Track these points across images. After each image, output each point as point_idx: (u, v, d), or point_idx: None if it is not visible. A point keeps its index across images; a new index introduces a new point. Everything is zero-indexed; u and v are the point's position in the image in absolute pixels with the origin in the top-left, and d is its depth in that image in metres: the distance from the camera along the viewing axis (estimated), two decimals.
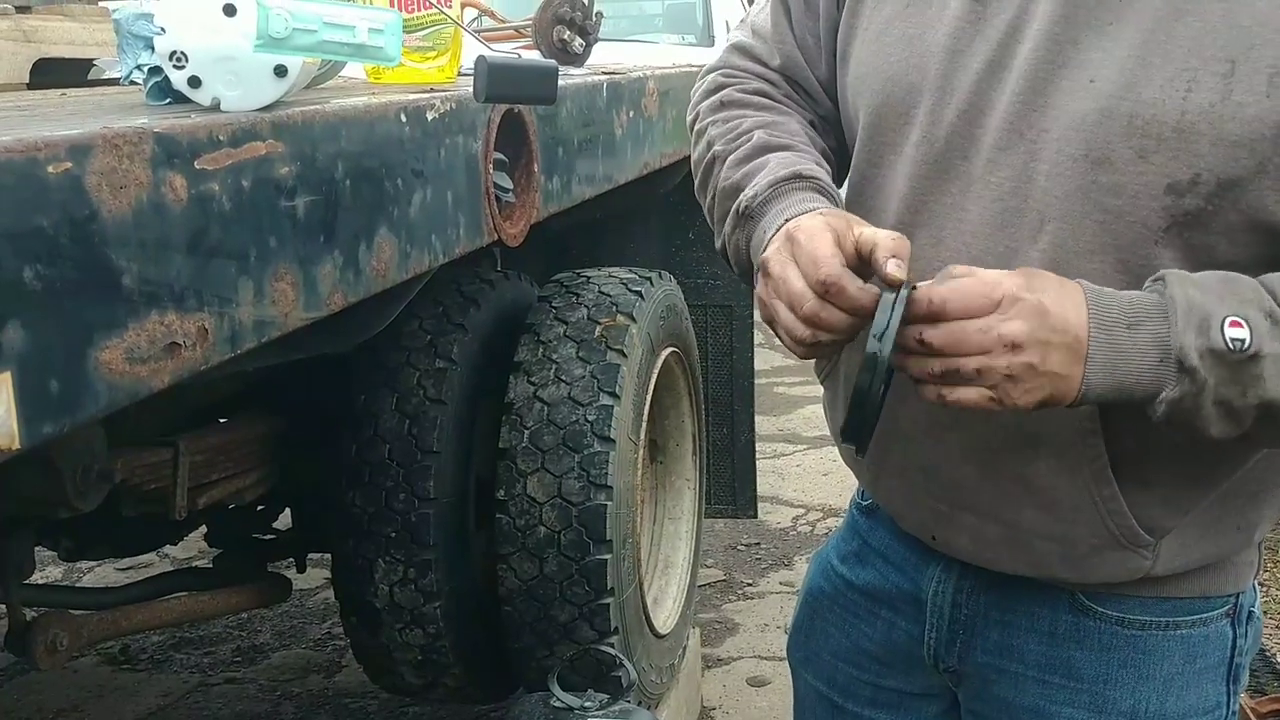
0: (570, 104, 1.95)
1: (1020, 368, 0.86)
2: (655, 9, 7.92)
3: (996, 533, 1.06)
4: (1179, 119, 0.89)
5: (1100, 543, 1.02)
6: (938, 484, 1.07)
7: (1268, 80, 0.87)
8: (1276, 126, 0.88)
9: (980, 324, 0.86)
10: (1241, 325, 0.85)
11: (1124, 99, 0.91)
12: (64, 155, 0.83)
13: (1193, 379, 0.86)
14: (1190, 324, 0.85)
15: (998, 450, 1.02)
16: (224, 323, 1.01)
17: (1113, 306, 0.87)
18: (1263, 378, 0.85)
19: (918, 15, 1.03)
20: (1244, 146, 0.88)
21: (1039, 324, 0.85)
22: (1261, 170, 0.89)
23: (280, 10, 1.08)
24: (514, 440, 2.04)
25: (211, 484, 1.91)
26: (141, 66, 1.23)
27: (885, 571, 1.20)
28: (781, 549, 3.76)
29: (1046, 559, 1.05)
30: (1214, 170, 0.89)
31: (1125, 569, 1.04)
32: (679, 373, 2.65)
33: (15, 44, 2.02)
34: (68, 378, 0.82)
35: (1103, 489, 1.00)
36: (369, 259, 1.27)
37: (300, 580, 2.95)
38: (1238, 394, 0.86)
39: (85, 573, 3.56)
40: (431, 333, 2.08)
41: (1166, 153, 0.90)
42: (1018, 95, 0.95)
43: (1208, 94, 0.89)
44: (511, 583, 2.05)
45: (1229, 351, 0.84)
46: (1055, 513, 1.02)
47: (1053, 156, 0.94)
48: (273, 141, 1.09)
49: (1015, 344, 0.85)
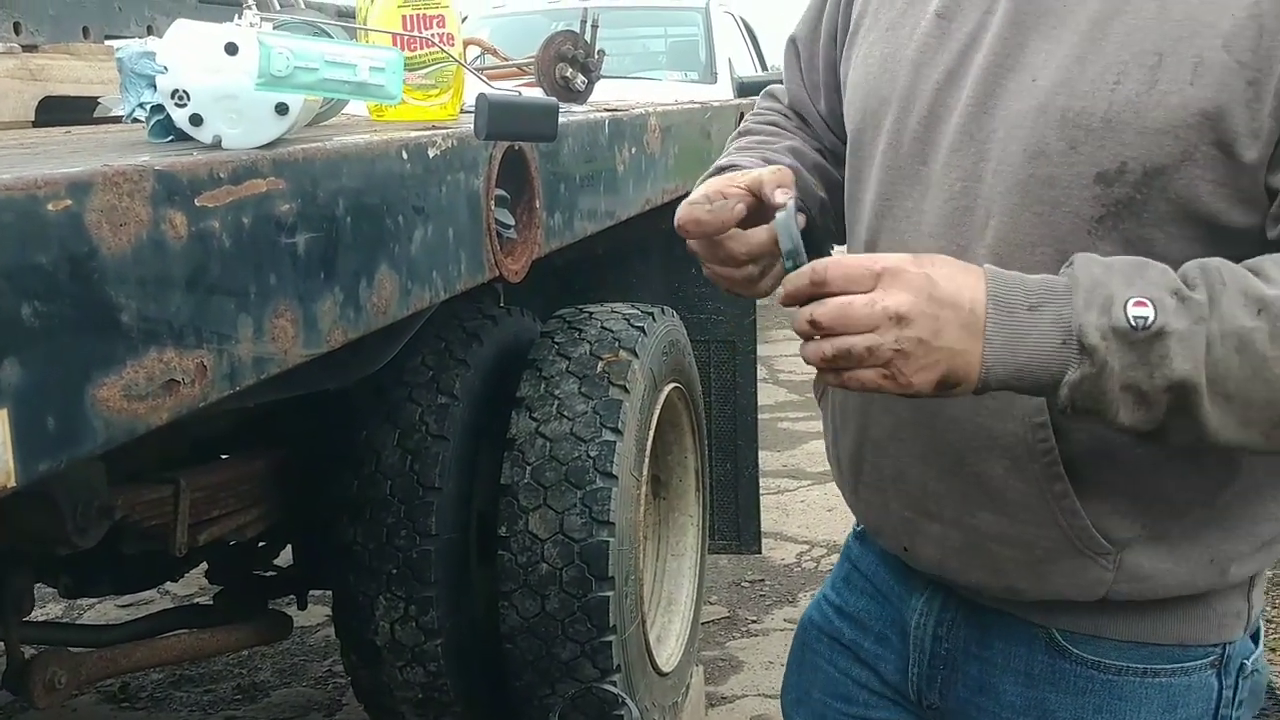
0: (572, 141, 1.96)
1: (909, 342, 0.84)
2: (658, 46, 8.00)
3: (958, 539, 1.06)
4: (1106, 110, 0.91)
5: (1054, 546, 1.01)
6: (905, 491, 1.08)
7: (1192, 69, 0.88)
8: (1199, 114, 0.88)
9: (865, 299, 0.85)
10: (1146, 304, 0.83)
11: (1059, 94, 0.93)
12: (64, 193, 0.83)
13: (1093, 359, 0.83)
14: (1093, 303, 0.84)
15: (956, 451, 1.02)
16: (223, 360, 1.01)
17: (1015, 287, 0.86)
18: (1169, 357, 0.82)
19: (894, 36, 1.08)
20: (1168, 134, 0.89)
21: (925, 296, 0.85)
22: (1188, 158, 0.89)
23: (282, 49, 1.09)
24: (516, 476, 2.04)
25: (212, 520, 1.91)
26: (144, 104, 1.24)
27: (873, 599, 1.22)
28: (786, 585, 3.73)
29: (1005, 566, 1.04)
30: (1139, 159, 0.90)
31: (1085, 579, 1.01)
32: (682, 408, 2.64)
33: (21, 82, 2.03)
34: (65, 415, 0.82)
35: (1054, 485, 0.99)
36: (370, 295, 1.27)
37: (301, 617, 2.93)
38: (1144, 376, 0.83)
39: (85, 609, 3.54)
40: (433, 368, 2.07)
41: (1094, 143, 0.92)
42: (970, 99, 0.99)
43: (1134, 85, 0.90)
44: (513, 620, 2.03)
45: (1131, 329, 0.82)
46: (1011, 514, 1.01)
47: (998, 154, 0.97)
48: (273, 179, 1.10)
49: (901, 316, 0.84)
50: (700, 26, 7.37)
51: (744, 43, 7.99)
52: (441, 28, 1.74)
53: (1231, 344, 0.82)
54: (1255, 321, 0.82)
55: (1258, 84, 0.87)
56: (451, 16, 1.75)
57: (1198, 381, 0.82)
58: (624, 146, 2.22)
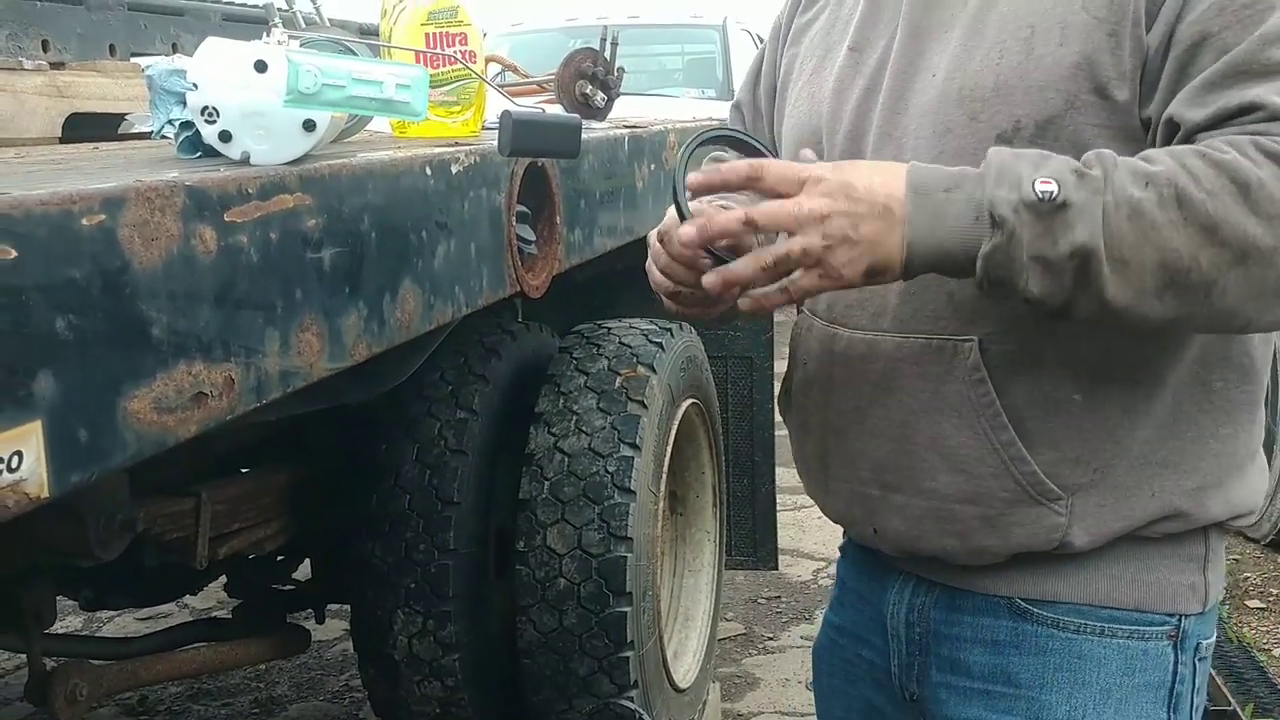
0: (592, 157, 1.97)
1: (834, 238, 0.95)
2: (675, 64, 8.03)
3: (921, 507, 1.11)
4: (995, 80, 1.04)
5: (1010, 496, 1.07)
6: (867, 469, 1.15)
7: (1060, 33, 1.02)
8: (1072, 67, 1.01)
9: (792, 202, 0.95)
10: (1050, 182, 0.91)
11: (954, 79, 1.07)
12: (98, 208, 0.85)
13: (1003, 229, 0.92)
14: (1003, 181, 0.93)
15: (910, 418, 1.10)
16: (250, 373, 1.02)
17: (933, 175, 0.96)
18: (1071, 225, 0.91)
19: (816, 79, 1.22)
20: (1049, 89, 1.02)
21: (842, 196, 0.95)
22: (1071, 105, 1.01)
23: (310, 67, 1.10)
24: (534, 491, 2.04)
25: (233, 534, 1.92)
26: (173, 121, 1.25)
27: (859, 607, 1.26)
28: (802, 602, 3.72)
29: (969, 526, 1.10)
30: (1030, 115, 1.02)
31: (1043, 528, 1.07)
32: (699, 424, 2.64)
33: (49, 99, 2.06)
34: (96, 427, 0.83)
35: (1000, 435, 1.07)
36: (393, 310, 1.28)
37: (319, 631, 2.94)
38: (1049, 245, 0.91)
39: (105, 622, 3.56)
40: (453, 383, 2.08)
41: (990, 109, 1.04)
42: (885, 106, 1.12)
43: (1015, 56, 1.04)
44: (531, 635, 2.03)
45: (1039, 201, 0.91)
46: (966, 470, 1.08)
47: (912, 142, 1.08)
48: (300, 194, 1.11)
49: (821, 215, 0.94)
50: (717, 44, 7.40)
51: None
52: (464, 45, 1.76)
53: (1124, 212, 0.91)
54: (1143, 192, 0.91)
55: (1117, 34, 1.00)
56: (474, 34, 1.77)
57: (1096, 246, 0.91)
58: (643, 163, 2.23)
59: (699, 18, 7.73)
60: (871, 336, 1.12)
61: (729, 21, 7.53)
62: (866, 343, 1.13)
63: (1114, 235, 0.91)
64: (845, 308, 1.14)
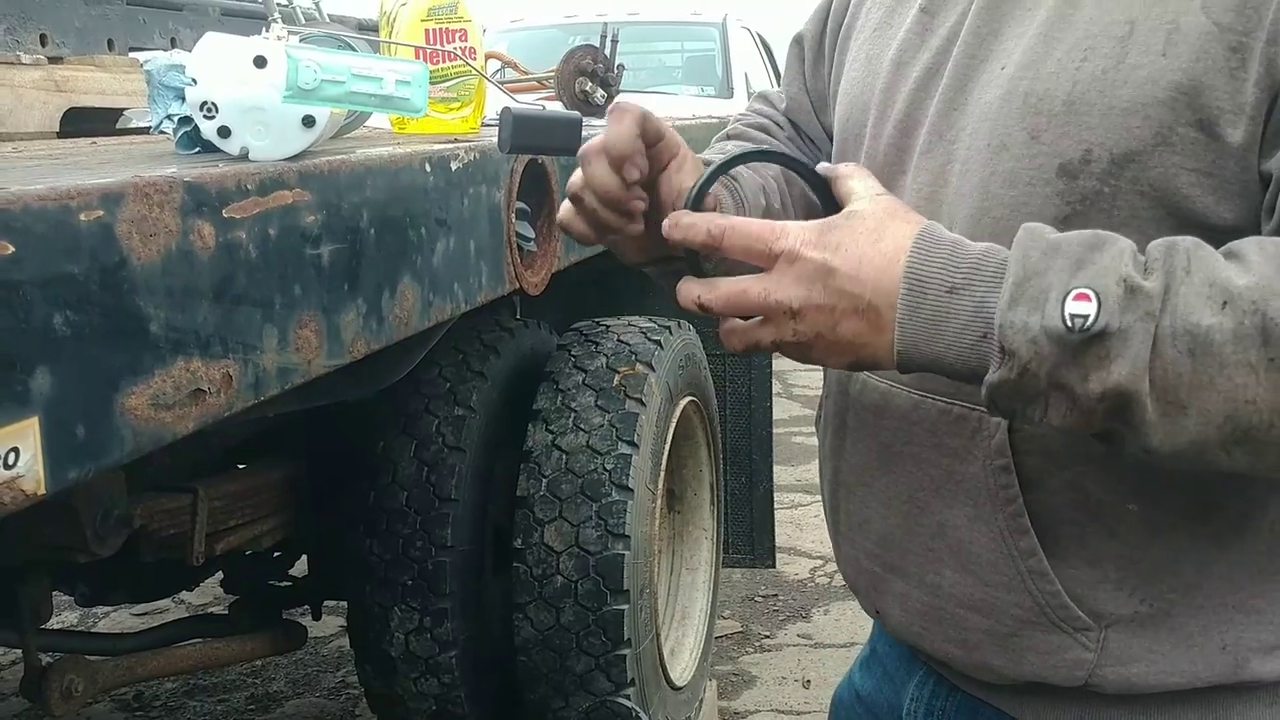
0: None
1: (807, 336, 0.77)
2: (675, 61, 8.02)
3: (922, 601, 0.93)
4: (1070, 90, 0.80)
5: (1026, 615, 0.87)
6: (871, 541, 0.97)
7: (1165, 37, 0.76)
8: (1172, 88, 0.76)
9: (759, 289, 0.77)
10: (1088, 298, 0.68)
11: (1022, 79, 0.83)
12: (96, 203, 0.84)
13: (1014, 361, 0.71)
14: (1023, 296, 0.70)
15: (918, 496, 0.91)
16: (248, 369, 1.02)
17: (939, 263, 0.74)
18: (1107, 359, 0.68)
19: (879, 37, 0.99)
20: (1136, 113, 0.77)
21: (820, 288, 0.75)
22: (1162, 141, 0.76)
23: (309, 62, 1.10)
24: (532, 488, 2.04)
25: (229, 530, 1.91)
26: (172, 116, 1.25)
27: (880, 683, 1.10)
28: (800, 600, 3.72)
29: (974, 638, 0.90)
30: (1105, 144, 0.78)
31: (1063, 662, 0.86)
32: (697, 422, 2.64)
33: (47, 93, 2.05)
34: (94, 424, 0.83)
35: (1019, 540, 0.85)
36: (392, 307, 1.27)
37: (315, 628, 2.94)
38: (1077, 378, 0.69)
39: (101, 618, 3.56)
40: (451, 380, 2.08)
41: (1056, 129, 0.80)
42: (943, 98, 0.89)
43: (1101, 61, 0.79)
44: (527, 632, 2.03)
45: (1067, 331, 0.69)
46: (975, 573, 0.88)
47: (964, 154, 0.86)
48: (299, 190, 1.10)
49: (792, 310, 0.76)
50: (717, 42, 7.39)
51: (760, 58, 8.01)
52: (464, 41, 1.75)
53: (1184, 345, 0.68)
54: (1216, 318, 0.67)
55: (1243, 50, 0.74)
56: (473, 31, 1.77)
57: (1138, 389, 0.68)
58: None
59: (699, 15, 7.72)
60: (886, 386, 0.92)
61: (729, 19, 7.53)
62: (881, 393, 0.93)
63: (1166, 374, 0.68)
64: None
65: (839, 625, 3.50)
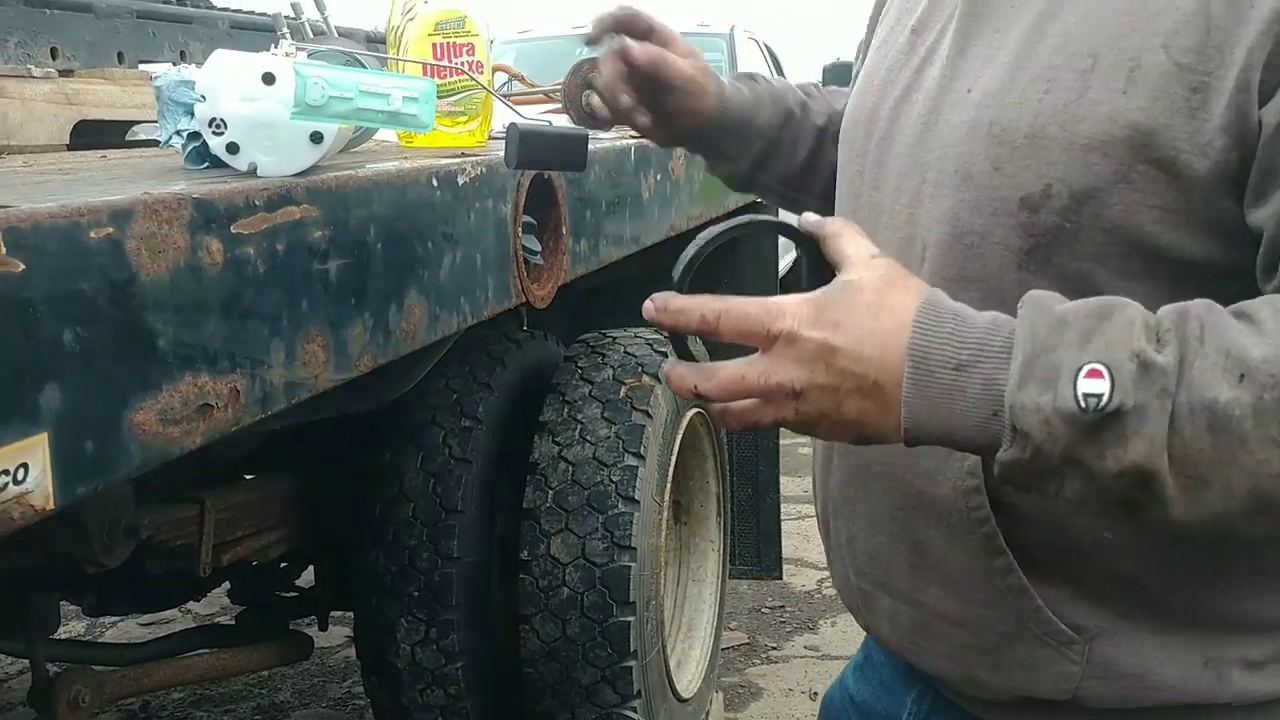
0: (599, 167, 1.97)
1: (811, 416, 0.74)
2: None
3: (910, 617, 0.93)
4: (1031, 123, 0.79)
5: (1009, 630, 0.86)
6: (860, 558, 0.96)
7: (1127, 74, 0.75)
8: (1131, 126, 0.75)
9: (757, 371, 0.74)
10: (1101, 375, 0.67)
11: (989, 106, 0.82)
12: (105, 220, 0.85)
13: (1028, 443, 0.69)
14: (1033, 375, 0.68)
15: (897, 515, 0.90)
16: (255, 384, 1.03)
17: (943, 339, 0.71)
18: (1124, 438, 0.67)
19: (877, 55, 1.00)
20: (1095, 151, 0.76)
21: (822, 368, 0.72)
22: (1123, 179, 0.76)
23: (318, 79, 1.11)
24: (538, 500, 2.04)
25: (236, 541, 1.92)
26: (181, 131, 1.26)
27: (878, 691, 1.09)
28: (806, 612, 3.72)
29: (963, 653, 0.90)
30: (1065, 180, 0.77)
31: (1050, 675, 0.86)
32: (704, 433, 2.64)
33: (57, 106, 2.06)
34: (103, 439, 0.83)
35: (995, 559, 0.85)
36: (399, 321, 1.28)
37: (322, 638, 2.94)
38: (1094, 456, 0.68)
39: (108, 628, 3.56)
40: (458, 392, 2.09)
41: (1019, 162, 0.79)
42: (919, 117, 0.89)
43: (1064, 94, 0.78)
44: (534, 644, 2.03)
45: (1081, 411, 0.67)
46: (957, 591, 0.88)
47: (935, 177, 0.86)
48: (307, 205, 1.11)
49: (793, 390, 0.73)
50: (724, 52, 7.41)
51: (767, 68, 8.03)
52: (471, 55, 1.76)
53: (1203, 420, 0.66)
54: (1234, 392, 0.66)
55: (1204, 89, 0.73)
56: (480, 45, 1.77)
57: (1157, 467, 0.67)
58: (650, 173, 2.23)
59: (706, 26, 7.74)
60: None
61: (736, 30, 7.55)
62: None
63: (1186, 449, 0.66)
64: None
65: (846, 637, 3.49)
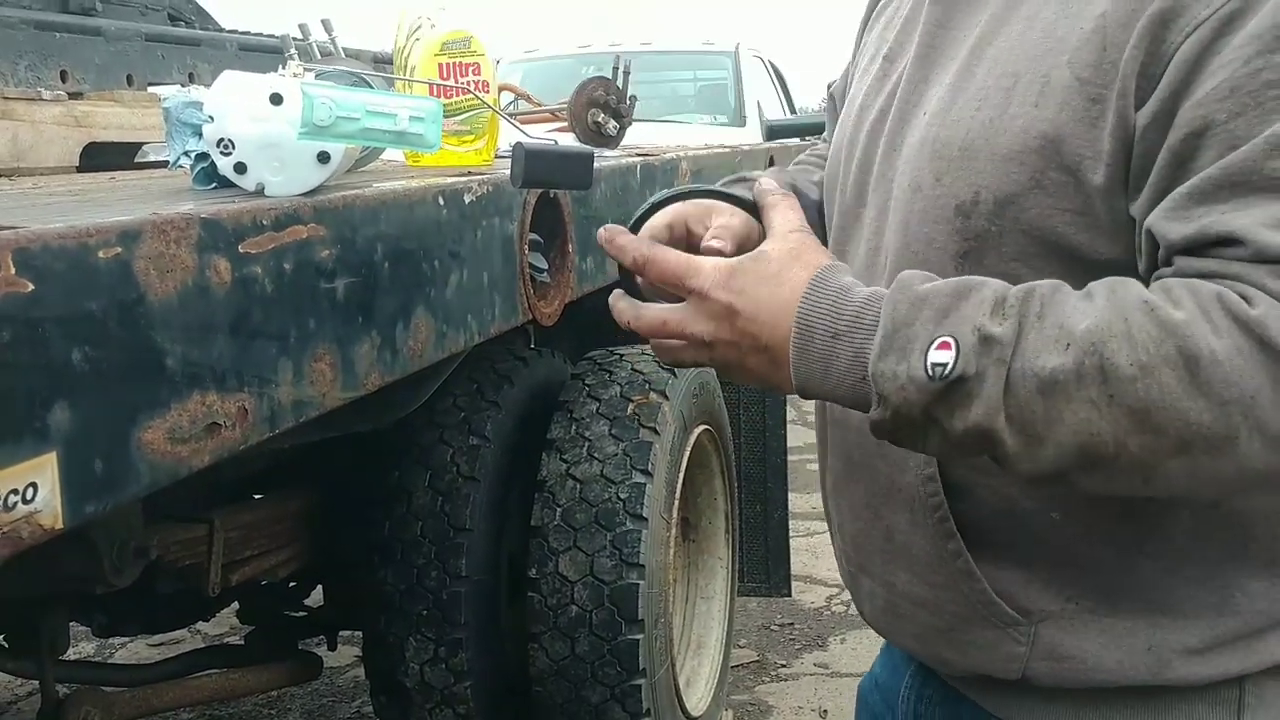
0: (605, 185, 1.98)
1: (720, 363, 0.88)
2: (688, 90, 8.06)
3: (883, 598, 1.01)
4: (964, 137, 0.88)
5: (961, 611, 0.93)
6: (847, 542, 1.06)
7: (1039, 90, 0.84)
8: (1040, 137, 0.83)
9: (676, 319, 0.88)
10: (949, 346, 0.77)
11: (934, 125, 0.91)
12: (114, 240, 0.86)
13: (886, 406, 0.80)
14: (892, 347, 0.79)
15: (873, 503, 0.99)
16: (263, 403, 1.03)
17: (824, 310, 0.83)
18: (967, 402, 0.77)
19: (858, 82, 1.09)
20: (1013, 160, 0.85)
21: (725, 326, 0.86)
22: (1036, 185, 0.84)
23: (325, 99, 1.12)
24: (546, 518, 2.04)
25: (245, 560, 1.92)
26: (189, 152, 1.26)
27: (891, 668, 1.15)
28: (816, 629, 3.70)
29: (927, 633, 0.97)
30: (990, 187, 0.86)
31: (999, 655, 0.92)
32: (712, 450, 2.64)
33: (67, 128, 2.08)
34: (111, 458, 0.84)
35: (947, 543, 0.92)
36: (406, 339, 1.28)
37: (331, 658, 2.93)
38: (945, 415, 0.78)
39: (117, 648, 3.56)
40: (465, 410, 2.09)
41: (954, 173, 0.88)
42: (886, 140, 0.98)
43: (990, 110, 0.87)
44: (542, 662, 2.03)
45: (928, 380, 0.77)
46: (919, 574, 0.96)
47: (896, 192, 0.95)
48: (314, 225, 1.12)
49: (705, 341, 0.87)
50: (729, 70, 7.42)
51: (773, 86, 8.05)
52: (477, 75, 1.77)
53: (1032, 385, 0.75)
54: (1059, 359, 0.74)
55: (1101, 100, 0.81)
56: (486, 64, 1.79)
57: (994, 425, 0.76)
58: (655, 190, 2.24)
59: (711, 44, 7.77)
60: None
61: (741, 48, 7.57)
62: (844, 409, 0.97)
63: (1020, 410, 0.75)
64: None
65: (856, 654, 3.48)
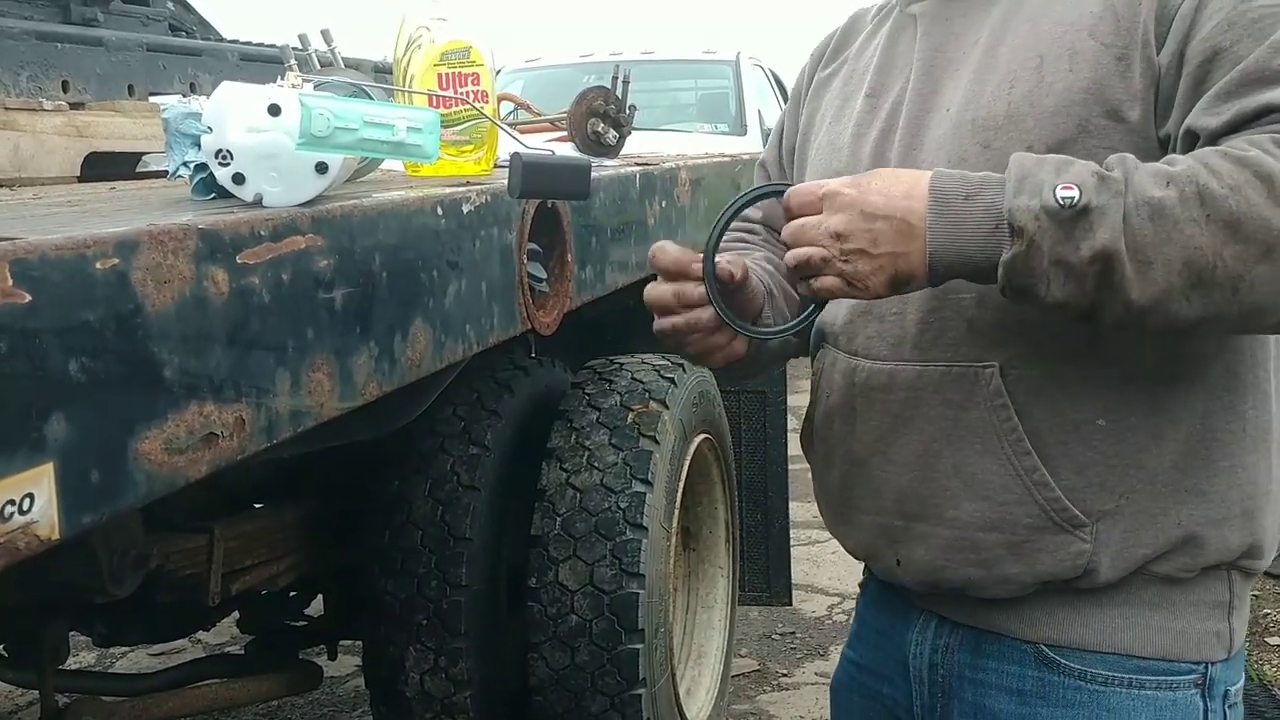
0: (604, 194, 1.98)
1: (852, 253, 0.99)
2: (689, 98, 8.07)
3: (945, 536, 1.12)
4: (1007, 108, 1.07)
5: (1035, 522, 1.08)
6: (891, 499, 1.16)
7: (1069, 60, 1.06)
8: (1083, 91, 1.04)
9: (815, 219, 1.01)
10: (1072, 187, 0.93)
11: (968, 110, 1.10)
12: (111, 251, 0.86)
13: (1023, 238, 0.93)
14: (1024, 189, 0.94)
15: (933, 446, 1.12)
16: (261, 413, 1.03)
17: (954, 182, 0.98)
18: (1093, 229, 0.92)
19: (836, 125, 1.26)
20: (1061, 114, 1.05)
21: (857, 213, 0.99)
22: (1083, 129, 1.04)
23: (323, 110, 1.12)
24: (546, 527, 2.04)
25: (245, 570, 1.92)
26: (188, 163, 1.27)
27: (878, 643, 1.27)
28: (817, 638, 3.70)
29: (994, 555, 1.10)
30: (1042, 139, 1.05)
31: (1068, 554, 1.08)
32: (712, 459, 2.64)
33: (68, 139, 2.09)
34: (108, 469, 0.84)
35: (1023, 460, 1.07)
36: (404, 349, 1.28)
37: (331, 667, 2.93)
38: (1071, 250, 0.92)
39: (118, 658, 3.56)
40: (465, 419, 2.09)
41: (1004, 137, 1.07)
42: (901, 144, 1.15)
43: (1026, 85, 1.07)
44: (542, 672, 2.03)
45: (1060, 208, 0.92)
46: (990, 498, 1.09)
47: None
48: (312, 235, 1.12)
49: (838, 233, 0.99)
50: (730, 79, 7.44)
51: (773, 95, 8.06)
52: (476, 85, 1.77)
53: (1146, 213, 0.92)
54: (1164, 191, 0.92)
55: (1126, 58, 1.03)
56: (485, 74, 1.79)
57: (1118, 249, 0.91)
58: (655, 199, 2.24)
59: (712, 53, 7.78)
60: (892, 366, 1.14)
61: (741, 57, 7.58)
62: (887, 373, 1.14)
63: (1136, 236, 0.91)
64: (866, 339, 1.16)
65: None
